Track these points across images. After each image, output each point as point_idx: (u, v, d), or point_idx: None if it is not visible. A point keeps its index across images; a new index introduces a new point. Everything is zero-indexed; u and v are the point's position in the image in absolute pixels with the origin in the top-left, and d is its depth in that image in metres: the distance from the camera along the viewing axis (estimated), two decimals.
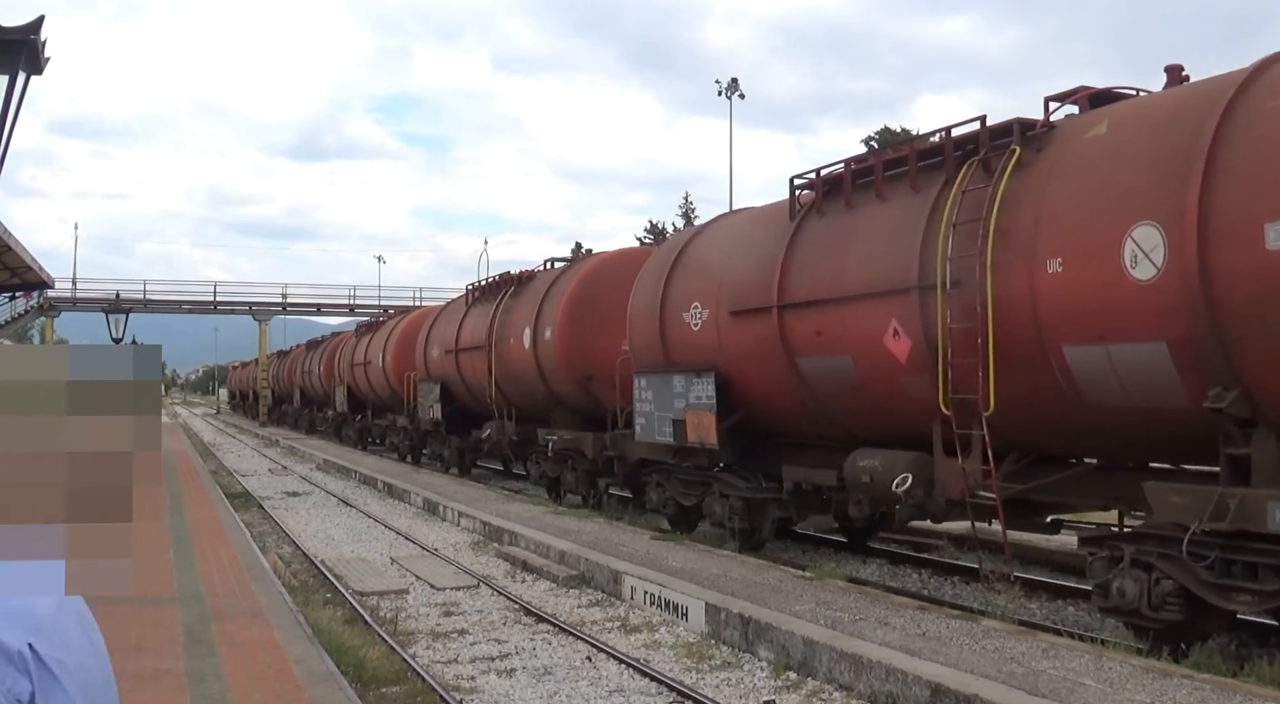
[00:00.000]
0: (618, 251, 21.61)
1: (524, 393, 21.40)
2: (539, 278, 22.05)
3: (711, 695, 8.27)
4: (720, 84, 50.00)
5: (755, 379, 13.38)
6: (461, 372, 24.82)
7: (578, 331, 19.06)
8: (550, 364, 19.56)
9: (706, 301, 14.30)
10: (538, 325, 19.99)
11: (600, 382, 18.26)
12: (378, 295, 66.53)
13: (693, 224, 71.14)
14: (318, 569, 14.18)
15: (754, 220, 14.62)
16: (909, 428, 11.28)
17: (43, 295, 50.60)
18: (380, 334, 35.26)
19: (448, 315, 27.39)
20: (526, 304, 21.25)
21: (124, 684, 6.32)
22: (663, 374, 15.09)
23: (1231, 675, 7.79)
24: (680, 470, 15.49)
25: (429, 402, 27.09)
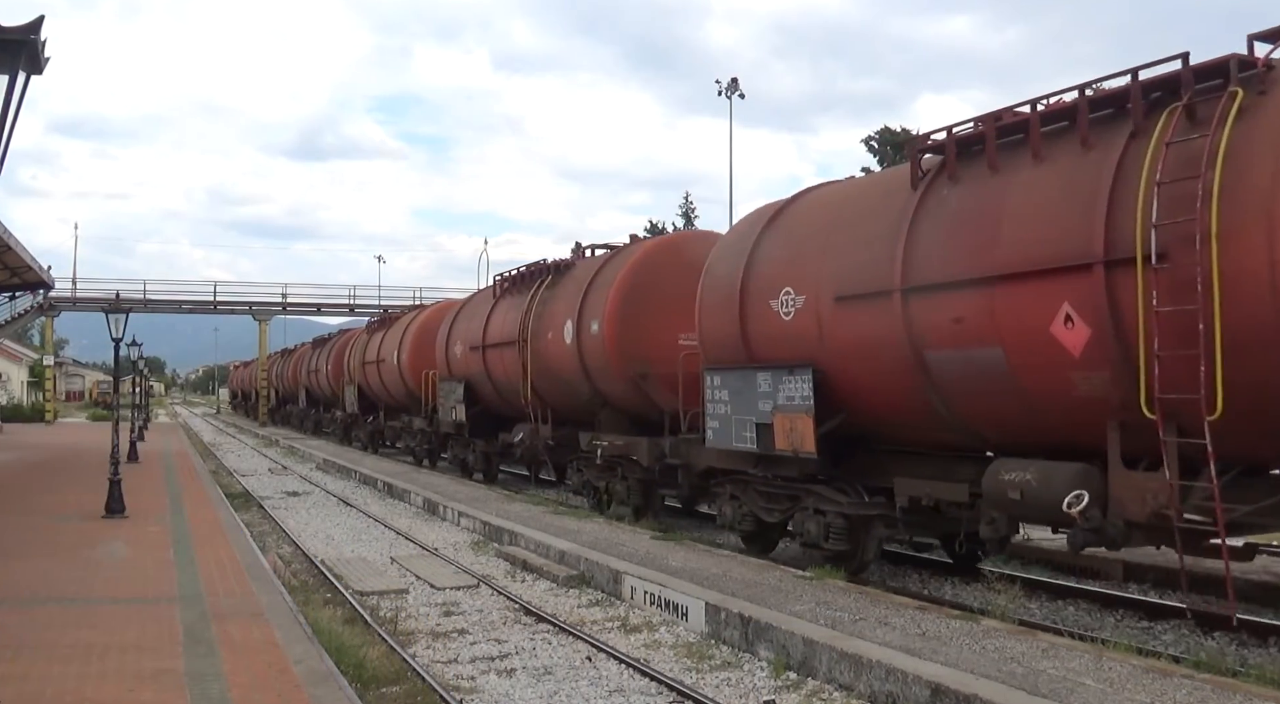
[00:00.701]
0: (674, 235, 19.72)
1: (564, 393, 19.36)
2: (580, 266, 20.02)
3: (711, 695, 8.27)
4: (720, 84, 50.00)
5: (864, 376, 11.59)
6: (489, 370, 22.75)
7: (630, 324, 17.06)
8: (597, 361, 17.61)
9: (802, 286, 12.38)
10: (581, 318, 17.97)
11: (656, 380, 16.63)
12: (378, 295, 66.48)
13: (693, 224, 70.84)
14: (318, 569, 14.18)
15: (859, 191, 12.87)
16: (1068, 434, 9.57)
17: (45, 295, 50.65)
18: (395, 330, 33.01)
19: (472, 309, 25.23)
20: (567, 294, 19.17)
21: (124, 684, 6.33)
22: (743, 371, 13.21)
23: (1231, 675, 7.79)
24: (762, 482, 13.61)
25: (451, 402, 25.17)
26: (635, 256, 17.88)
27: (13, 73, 6.22)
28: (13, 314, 52.04)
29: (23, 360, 74.45)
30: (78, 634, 8.82)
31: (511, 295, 22.43)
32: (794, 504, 13.00)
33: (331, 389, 43.85)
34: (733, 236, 14.82)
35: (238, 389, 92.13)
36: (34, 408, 64.85)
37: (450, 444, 27.56)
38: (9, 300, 39.67)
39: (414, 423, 30.25)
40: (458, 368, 25.20)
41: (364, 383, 36.33)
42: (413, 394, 29.88)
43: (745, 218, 14.91)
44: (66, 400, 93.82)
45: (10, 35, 6.13)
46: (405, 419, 31.71)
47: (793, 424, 12.27)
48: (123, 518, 16.47)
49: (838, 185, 14.04)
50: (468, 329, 24.49)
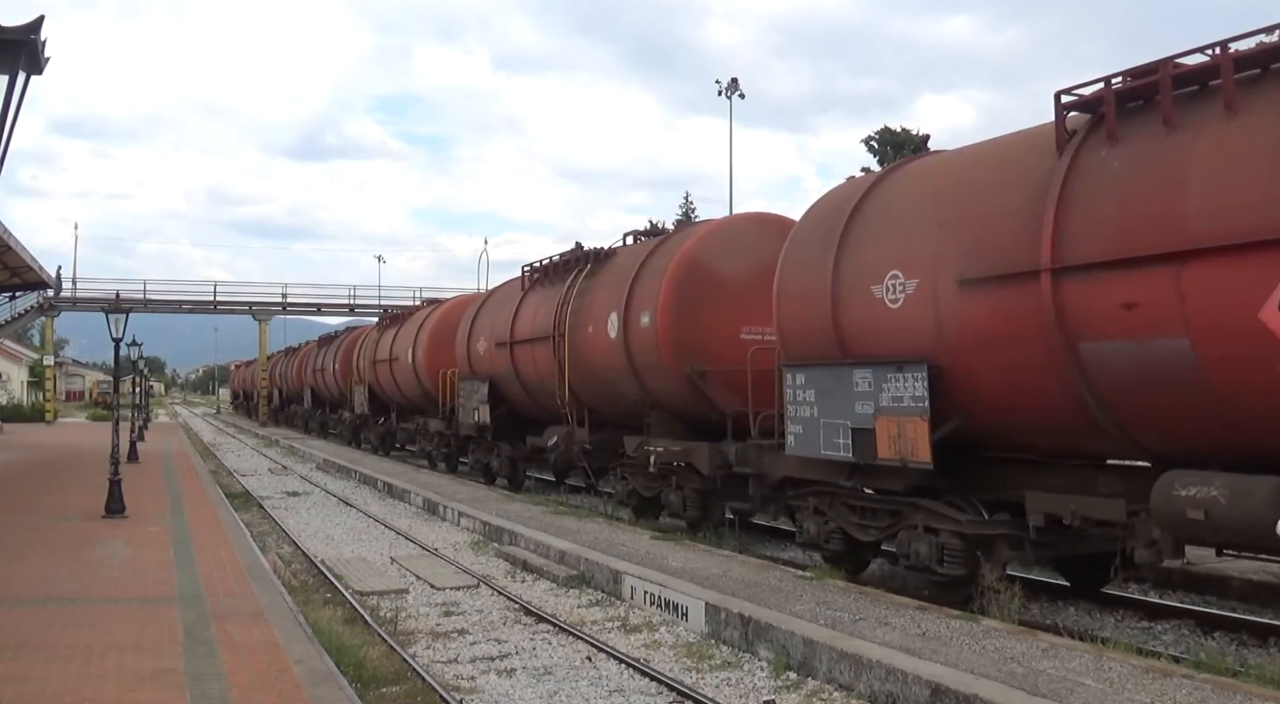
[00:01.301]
0: (736, 217, 17.34)
1: (606, 393, 17.69)
2: (623, 254, 18.37)
3: (711, 695, 8.27)
4: (720, 84, 50.06)
5: (992, 372, 9.99)
6: (518, 368, 21.07)
7: (686, 316, 15.38)
8: (647, 357, 15.93)
9: (914, 268, 10.73)
10: (629, 309, 16.30)
11: (715, 378, 15.08)
12: (378, 295, 66.50)
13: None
14: (318, 569, 14.19)
15: (981, 159, 11.01)
16: (1268, 441, 8.15)
17: (45, 294, 50.64)
18: (409, 327, 31.18)
19: (498, 302, 23.43)
20: (610, 284, 17.49)
21: (124, 684, 6.33)
22: (835, 369, 11.61)
23: (1231, 675, 7.79)
24: (855, 495, 12.13)
25: (473, 403, 23.42)
26: (692, 240, 16.10)
27: (13, 73, 6.22)
28: (13, 314, 52.06)
29: (23, 360, 74.46)
30: (78, 634, 8.82)
31: (543, 287, 20.63)
32: (896, 521, 11.46)
33: (339, 389, 42.40)
34: (818, 215, 12.94)
35: (239, 389, 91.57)
36: (34, 408, 64.86)
37: (472, 448, 25.81)
38: (9, 300, 39.67)
39: (430, 425, 28.87)
40: (481, 366, 23.50)
41: (375, 382, 34.64)
42: (429, 394, 28.38)
43: (829, 195, 13.27)
44: (66, 400, 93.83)
45: (10, 35, 6.13)
46: (420, 421, 30.25)
47: (900, 429, 10.71)
48: (123, 518, 16.47)
49: (946, 155, 12.18)
50: (493, 324, 22.78)
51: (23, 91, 6.33)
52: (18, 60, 6.19)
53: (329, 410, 46.89)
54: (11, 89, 6.26)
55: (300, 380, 52.92)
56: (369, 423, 36.74)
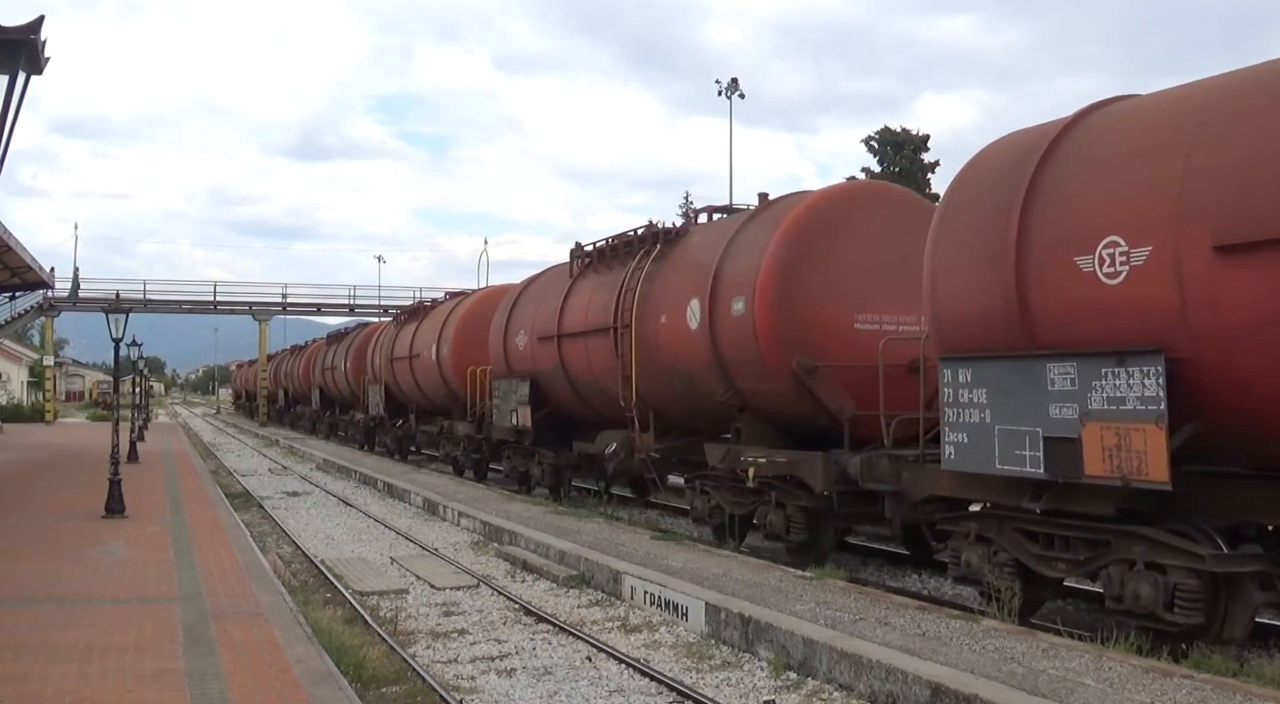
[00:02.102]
0: (853, 184, 14.53)
1: (682, 392, 15.44)
2: (702, 232, 16.20)
3: (711, 695, 8.27)
4: (720, 84, 50.08)
5: (1268, 365, 7.84)
6: (566, 364, 18.83)
7: (792, 301, 13.03)
8: (740, 350, 13.63)
9: (1143, 232, 8.52)
10: (716, 295, 14.07)
11: (828, 375, 12.80)
12: (378, 295, 66.56)
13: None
14: (318, 569, 14.19)
15: (1229, 89, 8.70)
16: None
17: (52, 294, 50.66)
18: (432, 321, 28.83)
19: (540, 292, 21.06)
20: (688, 267, 15.34)
21: (124, 684, 6.34)
22: (1020, 362, 9.43)
23: (1231, 675, 7.79)
24: (1037, 520, 9.79)
25: (510, 404, 21.13)
26: (799, 211, 13.51)
27: (13, 73, 6.22)
28: (13, 314, 52.09)
29: (23, 360, 74.49)
30: (78, 634, 8.82)
31: (598, 272, 18.41)
32: (1100, 554, 9.32)
33: (351, 389, 40.08)
34: (989, 169, 10.43)
35: (241, 389, 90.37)
36: (34, 408, 64.88)
37: (507, 454, 23.12)
38: (9, 300, 39.68)
39: (456, 428, 26.57)
40: (521, 363, 21.10)
41: (392, 382, 32.38)
42: (455, 394, 26.27)
43: (1003, 144, 10.70)
44: (66, 400, 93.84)
45: (10, 35, 6.13)
46: (444, 423, 27.92)
47: (1121, 439, 8.54)
48: (123, 518, 16.47)
49: (1185, 87, 9.42)
50: (536, 316, 20.43)
51: (23, 91, 6.33)
52: (18, 60, 6.20)
53: (339, 411, 44.88)
54: (11, 89, 6.26)
55: (308, 380, 50.88)
56: (384, 425, 34.55)
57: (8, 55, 6.17)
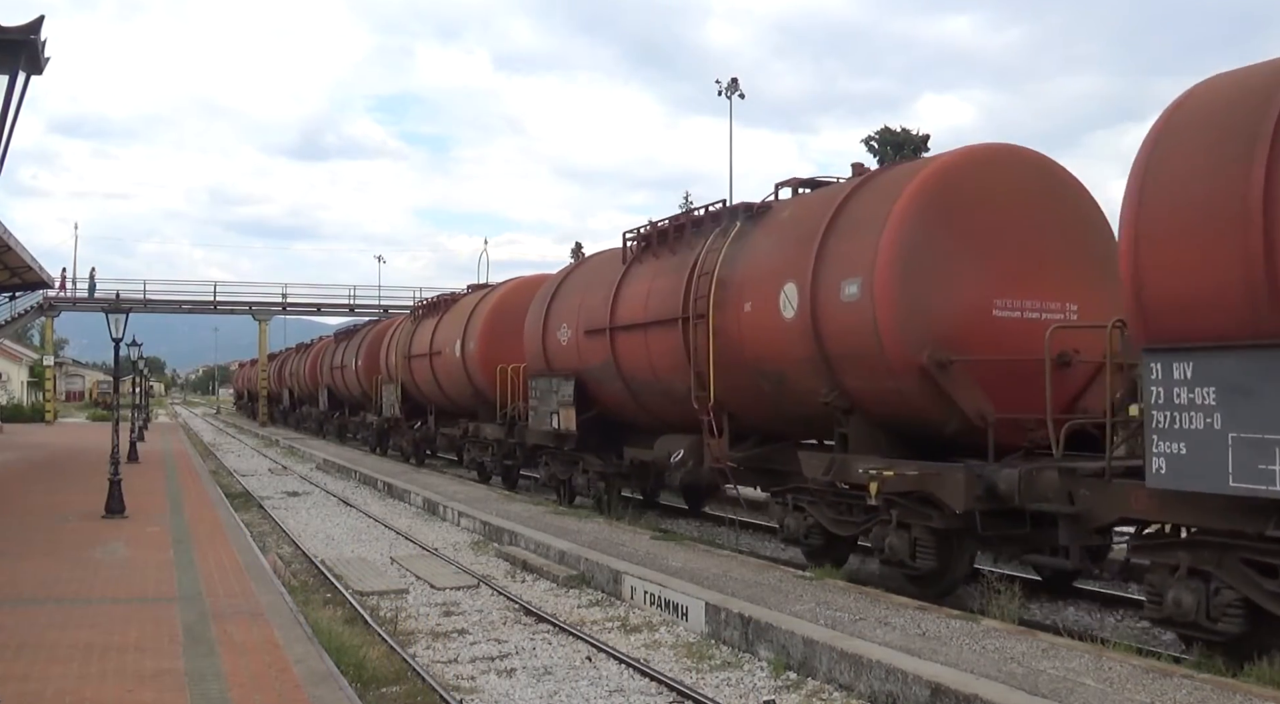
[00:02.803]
0: (979, 148, 11.99)
1: (770, 392, 13.24)
2: (787, 208, 13.96)
3: (711, 695, 8.27)
4: (720, 84, 50.10)
5: None
6: (620, 361, 16.78)
7: (922, 283, 11.03)
8: (853, 342, 11.54)
9: None
10: (819, 277, 11.99)
11: (965, 372, 10.86)
12: (378, 295, 66.58)
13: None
14: (318, 569, 14.19)
15: None
16: None
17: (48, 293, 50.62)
18: (455, 315, 26.72)
19: (585, 280, 19.09)
20: (781, 244, 13.19)
21: (124, 684, 6.33)
22: (1267, 353, 7.65)
23: (1231, 675, 7.79)
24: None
25: (550, 405, 18.96)
26: (928, 177, 11.47)
27: (13, 73, 6.22)
28: (13, 314, 52.08)
29: (23, 360, 74.48)
30: (78, 634, 8.82)
31: (660, 256, 16.34)
32: None
33: (363, 389, 37.59)
34: (1206, 112, 8.52)
35: (244, 389, 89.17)
36: (34, 408, 64.86)
37: (544, 460, 20.87)
38: (9, 300, 39.68)
39: (483, 431, 24.42)
40: (564, 360, 18.92)
41: (409, 381, 30.19)
42: (481, 395, 24.21)
43: (1216, 83, 8.76)
44: (66, 400, 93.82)
45: (10, 35, 6.13)
46: (469, 426, 25.76)
47: None
48: (123, 518, 16.46)
49: None
50: (581, 307, 18.39)
51: (23, 91, 6.33)
52: (18, 60, 6.19)
53: (348, 413, 42.38)
54: (11, 89, 6.26)
55: (315, 379, 48.40)
56: (400, 427, 32.08)
57: (8, 55, 6.17)
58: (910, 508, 11.29)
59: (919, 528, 11.23)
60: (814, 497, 12.84)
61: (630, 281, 16.87)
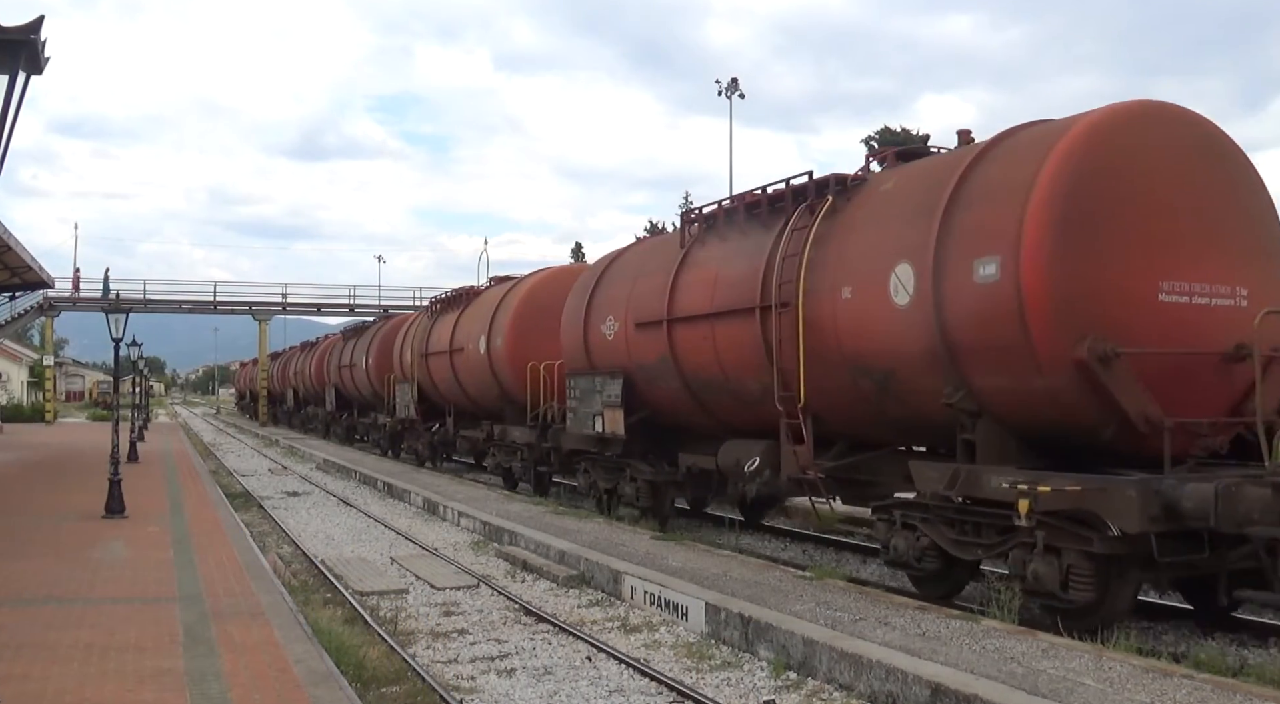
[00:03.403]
0: (1136, 105, 10.24)
1: (874, 391, 11.55)
2: (892, 177, 12.21)
3: (711, 695, 8.27)
4: (720, 84, 50.14)
5: None
6: (680, 357, 15.00)
7: (1079, 262, 9.34)
8: (988, 332, 9.89)
9: None
10: (943, 257, 10.26)
11: (1128, 366, 9.26)
12: (378, 295, 66.60)
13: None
14: (318, 569, 14.19)
15: None
16: None
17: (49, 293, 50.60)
18: (479, 309, 24.81)
19: (633, 267, 17.29)
20: (884, 221, 11.49)
21: (124, 684, 6.33)
22: None
23: (1231, 675, 7.80)
24: None
25: (592, 407, 17.39)
26: (1080, 136, 9.68)
27: (13, 73, 6.22)
28: (13, 314, 52.10)
29: (23, 360, 74.51)
30: (78, 634, 8.82)
31: (728, 238, 14.53)
32: None
33: (374, 388, 35.75)
34: None
35: (246, 389, 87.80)
36: (34, 408, 64.89)
37: (583, 466, 18.98)
38: (9, 300, 39.69)
39: (511, 434, 22.51)
40: (609, 356, 17.22)
41: (425, 380, 28.44)
42: (508, 395, 22.51)
43: None
44: (66, 400, 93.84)
45: (10, 35, 6.13)
46: (493, 428, 23.92)
47: None
48: (123, 518, 16.46)
49: None
50: (632, 297, 16.59)
51: (23, 91, 6.33)
52: (18, 60, 6.19)
53: (357, 413, 40.51)
54: (11, 89, 6.26)
55: (321, 379, 46.47)
56: (415, 429, 30.32)
57: (8, 55, 6.17)
58: (1062, 529, 9.51)
59: (1073, 553, 9.42)
60: (928, 513, 11.07)
61: (691, 268, 15.03)
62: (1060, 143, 9.69)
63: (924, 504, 11.11)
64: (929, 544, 11.04)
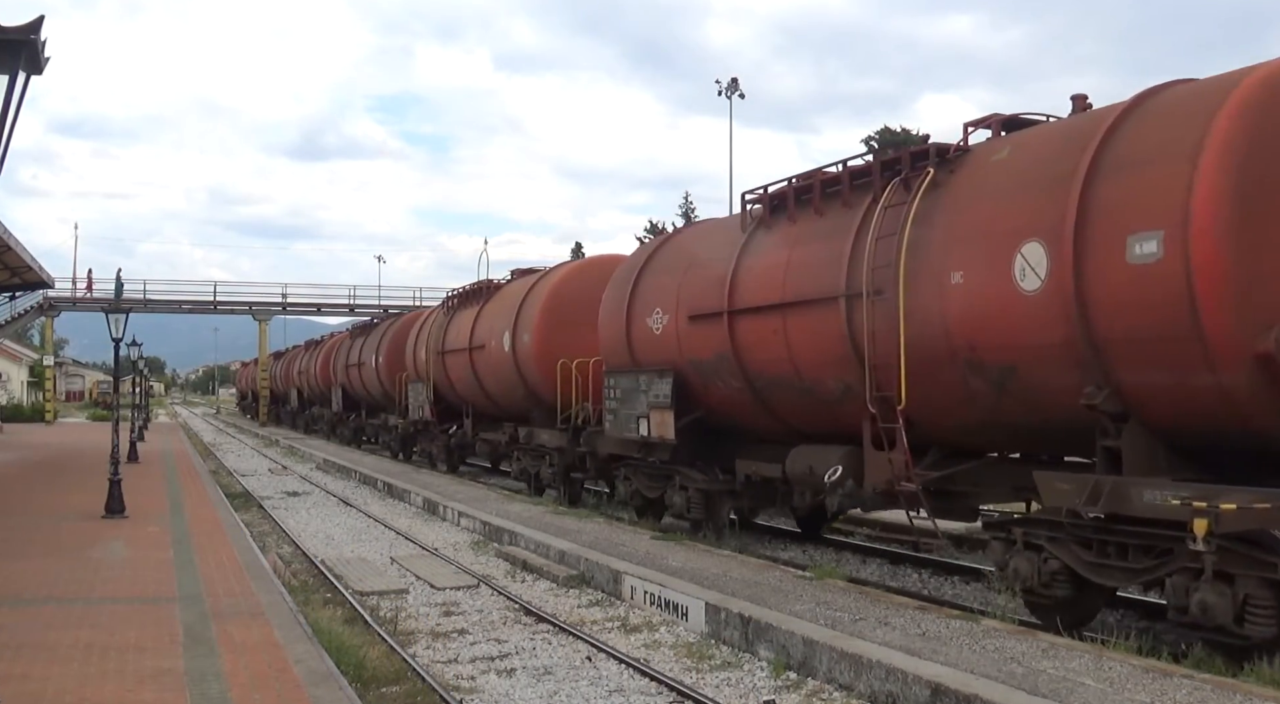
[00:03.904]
0: None
1: (987, 391, 10.09)
2: (1006, 145, 10.64)
3: (711, 695, 8.27)
4: (720, 84, 50.13)
5: None
6: (743, 352, 13.49)
7: (1264, 238, 8.16)
8: (1145, 321, 8.54)
9: None
10: (1085, 234, 8.90)
11: None
12: (378, 295, 66.64)
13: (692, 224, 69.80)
14: (318, 569, 14.19)
15: None
16: None
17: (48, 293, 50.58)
18: (500, 304, 23.21)
19: (685, 254, 15.74)
20: (1004, 193, 9.99)
21: (124, 684, 6.34)
22: None
23: (1231, 675, 7.79)
24: None
25: (637, 408, 15.85)
26: (1258, 87, 8.42)
27: (13, 73, 6.22)
28: (13, 314, 52.10)
29: (23, 360, 74.52)
30: (78, 634, 8.82)
31: (800, 219, 12.94)
32: None
33: (384, 388, 34.28)
34: None
35: (248, 389, 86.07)
36: (34, 408, 64.90)
37: (624, 473, 17.47)
38: (9, 300, 39.69)
39: (539, 437, 21.08)
40: (656, 352, 15.64)
41: (442, 379, 26.91)
42: (535, 395, 20.96)
43: None
44: (66, 400, 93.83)
45: (10, 35, 6.13)
46: (517, 430, 22.35)
47: None
48: (123, 518, 16.46)
49: None
50: (684, 286, 15.07)
51: (23, 91, 6.33)
52: (18, 60, 6.20)
53: (366, 415, 38.80)
54: (11, 89, 6.26)
55: (327, 378, 44.70)
56: (430, 431, 28.76)
57: (8, 55, 6.18)
58: (1235, 552, 8.25)
59: (1251, 581, 8.13)
60: (1058, 532, 9.67)
61: (755, 253, 13.54)
62: (1233, 97, 8.32)
63: (1052, 521, 9.70)
64: (1059, 567, 9.60)
